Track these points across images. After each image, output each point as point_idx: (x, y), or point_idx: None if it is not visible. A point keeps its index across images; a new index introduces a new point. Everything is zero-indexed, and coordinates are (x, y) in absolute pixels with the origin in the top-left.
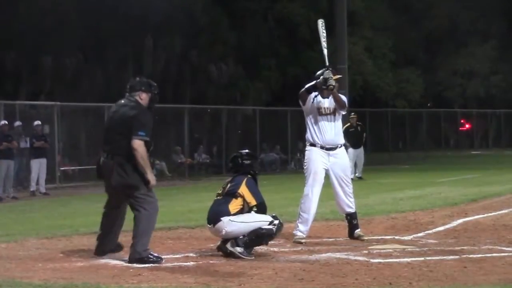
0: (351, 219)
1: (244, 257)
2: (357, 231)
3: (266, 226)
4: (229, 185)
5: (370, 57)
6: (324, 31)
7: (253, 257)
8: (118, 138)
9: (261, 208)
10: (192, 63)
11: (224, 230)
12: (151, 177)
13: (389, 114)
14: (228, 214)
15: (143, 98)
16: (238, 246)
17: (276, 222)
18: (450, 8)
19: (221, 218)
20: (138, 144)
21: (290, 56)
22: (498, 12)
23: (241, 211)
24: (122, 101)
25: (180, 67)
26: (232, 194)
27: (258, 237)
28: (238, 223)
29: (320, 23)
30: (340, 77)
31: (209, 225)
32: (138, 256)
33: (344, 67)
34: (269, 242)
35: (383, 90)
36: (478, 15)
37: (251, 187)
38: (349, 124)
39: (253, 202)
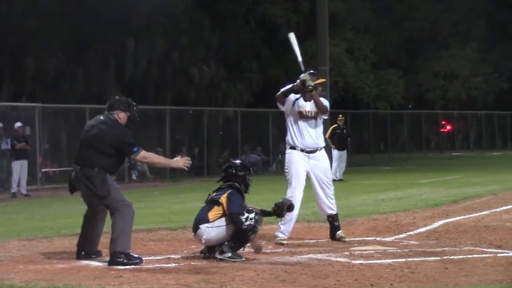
0: (333, 221)
1: (235, 260)
2: (339, 232)
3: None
4: (214, 193)
5: (351, 59)
6: (296, 42)
7: (243, 258)
8: (90, 151)
9: (233, 218)
10: (174, 64)
11: (203, 238)
12: (177, 164)
13: (371, 116)
14: (207, 221)
15: (121, 117)
16: (225, 252)
17: (251, 216)
18: (431, 11)
19: (199, 226)
20: (142, 157)
21: (271, 58)
22: (478, 14)
23: (220, 219)
24: (101, 118)
25: (161, 68)
26: (214, 201)
27: (241, 236)
28: (214, 228)
29: (292, 36)
30: (324, 81)
31: (193, 233)
32: (117, 256)
33: (325, 68)
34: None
35: (364, 92)
36: (459, 18)
37: (232, 197)
38: (336, 125)
39: (227, 210)
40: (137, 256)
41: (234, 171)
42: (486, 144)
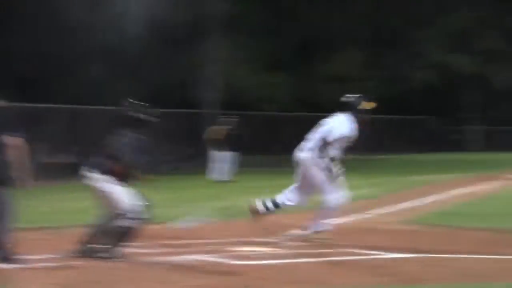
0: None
1: (113, 259)
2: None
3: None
4: None
5: (242, 61)
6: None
7: (122, 258)
8: None
9: None
10: None
11: None
12: None
13: (259, 118)
14: None
15: None
16: (102, 251)
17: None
18: (321, 15)
19: None
20: None
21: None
22: (369, 19)
23: None
24: None
25: None
26: None
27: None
28: None
29: None
30: (374, 106)
31: None
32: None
33: (216, 71)
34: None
35: (253, 94)
36: (349, 21)
37: None
38: (231, 127)
39: None
40: (20, 255)
41: None
42: (374, 147)
